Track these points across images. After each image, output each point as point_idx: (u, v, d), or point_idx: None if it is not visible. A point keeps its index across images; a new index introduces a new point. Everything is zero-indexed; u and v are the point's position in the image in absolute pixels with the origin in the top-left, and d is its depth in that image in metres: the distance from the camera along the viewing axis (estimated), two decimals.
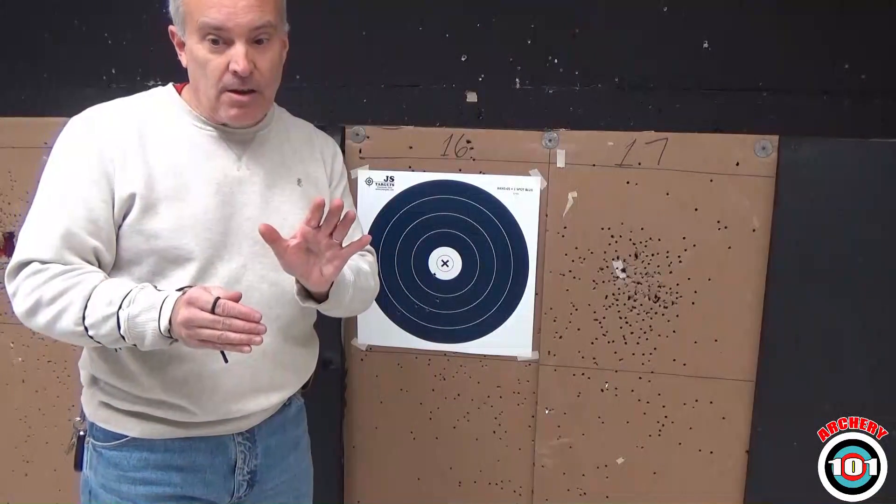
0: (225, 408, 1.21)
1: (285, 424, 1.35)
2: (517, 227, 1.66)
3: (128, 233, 1.14)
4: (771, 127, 1.56)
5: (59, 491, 1.95)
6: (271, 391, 1.27)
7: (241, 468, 1.27)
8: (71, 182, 1.13)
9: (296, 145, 1.32)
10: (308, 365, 1.36)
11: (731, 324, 1.61)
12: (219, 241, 1.18)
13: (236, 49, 1.12)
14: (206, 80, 1.15)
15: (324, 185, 1.34)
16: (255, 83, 1.15)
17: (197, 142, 1.20)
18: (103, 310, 1.05)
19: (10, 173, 1.81)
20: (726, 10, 1.56)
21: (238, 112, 1.17)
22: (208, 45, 1.13)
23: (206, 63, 1.14)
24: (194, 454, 1.23)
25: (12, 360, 1.91)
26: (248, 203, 1.21)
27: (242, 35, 1.12)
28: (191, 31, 1.14)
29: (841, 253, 1.53)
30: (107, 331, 1.06)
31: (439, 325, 1.74)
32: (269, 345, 1.21)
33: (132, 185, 1.13)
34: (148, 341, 1.06)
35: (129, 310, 1.05)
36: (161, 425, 1.20)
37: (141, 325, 1.05)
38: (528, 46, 1.64)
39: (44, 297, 1.07)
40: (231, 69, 1.13)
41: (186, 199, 1.16)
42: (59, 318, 1.07)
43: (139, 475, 1.21)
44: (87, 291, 1.07)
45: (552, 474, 1.75)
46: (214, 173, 1.19)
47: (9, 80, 1.84)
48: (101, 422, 1.22)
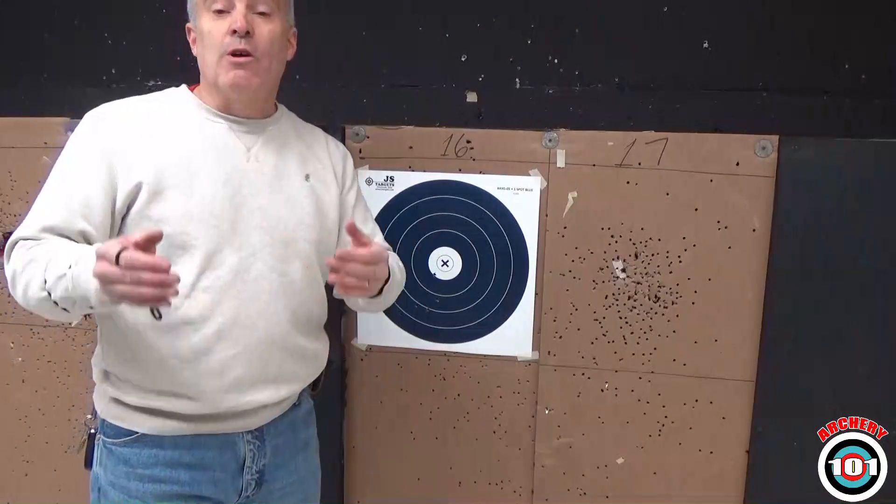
0: (232, 398, 1.21)
1: (295, 425, 1.35)
2: (517, 227, 1.67)
3: (136, 219, 1.16)
4: (771, 127, 1.56)
5: (59, 491, 1.95)
6: (280, 382, 1.27)
7: (249, 467, 1.27)
8: (71, 169, 1.16)
9: (306, 143, 1.35)
10: (318, 359, 1.36)
11: (731, 324, 1.61)
12: (227, 229, 1.19)
13: (236, 9, 1.18)
14: (210, 51, 1.20)
15: (332, 186, 1.35)
16: (252, 46, 1.19)
17: (207, 133, 1.23)
18: (59, 270, 1.03)
19: (10, 173, 1.81)
20: (726, 10, 1.56)
21: (236, 74, 1.19)
22: (212, 16, 1.19)
23: (211, 31, 1.19)
24: (203, 451, 1.23)
25: (12, 360, 1.91)
26: (258, 194, 1.23)
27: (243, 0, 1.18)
28: (199, 10, 1.21)
29: (841, 253, 1.53)
30: (61, 292, 1.03)
31: (439, 325, 1.74)
32: (277, 334, 1.24)
33: (139, 174, 1.16)
34: (93, 299, 1.01)
35: (76, 268, 1.02)
36: (170, 420, 1.21)
37: (85, 283, 1.01)
38: (528, 46, 1.64)
39: (17, 269, 1.09)
40: (230, 28, 1.17)
41: (195, 187, 1.18)
42: (29, 286, 1.07)
43: (148, 472, 1.22)
44: (50, 256, 1.06)
45: (552, 474, 1.75)
46: (224, 164, 1.22)
47: (9, 80, 1.84)
48: (112, 418, 1.24)
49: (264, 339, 1.23)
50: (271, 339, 1.23)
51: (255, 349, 1.22)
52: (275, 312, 1.24)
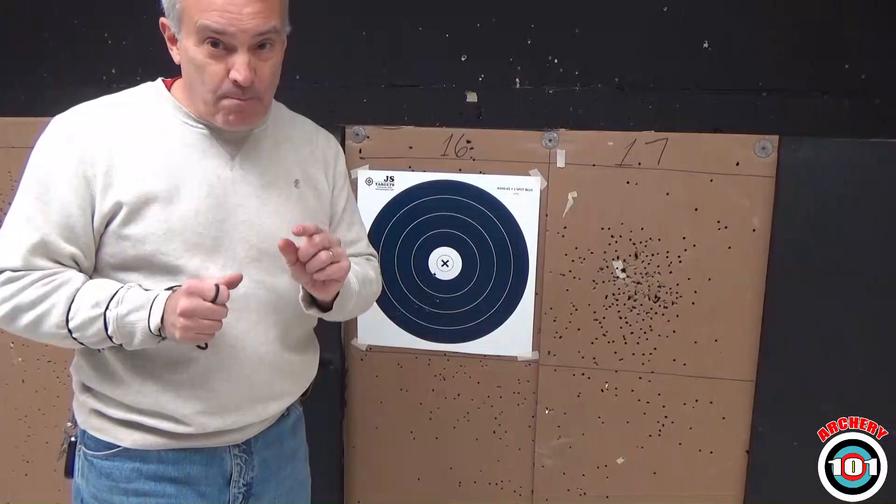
0: (221, 420, 1.17)
1: (282, 436, 1.30)
2: (517, 227, 1.66)
3: (113, 239, 1.10)
4: (771, 127, 1.56)
5: (58, 491, 1.95)
6: (269, 400, 1.23)
7: (236, 480, 1.23)
8: (49, 187, 1.08)
9: (295, 144, 1.26)
10: (307, 372, 1.32)
11: (731, 324, 1.61)
12: (210, 245, 1.13)
13: (238, 57, 1.06)
14: (203, 86, 1.09)
15: (324, 187, 1.28)
16: (254, 91, 1.10)
17: (188, 141, 1.14)
18: (89, 311, 1.05)
19: (10, 173, 1.81)
20: (726, 10, 1.56)
21: (235, 118, 1.11)
22: (207, 49, 1.06)
23: (205, 67, 1.07)
24: (189, 466, 1.18)
25: (12, 360, 1.91)
26: (243, 205, 1.16)
27: (245, 42, 1.06)
28: (188, 30, 1.07)
29: (841, 253, 1.53)
30: (93, 332, 1.05)
31: (439, 325, 1.74)
32: (266, 352, 1.19)
33: (118, 190, 1.09)
34: (137, 340, 1.05)
35: (117, 310, 1.05)
36: (154, 436, 1.16)
37: (130, 325, 1.04)
38: (528, 46, 1.64)
39: (23, 303, 1.06)
40: (232, 77, 1.07)
41: (176, 201, 1.11)
42: (41, 322, 1.06)
43: (131, 486, 1.17)
44: (70, 294, 1.06)
45: (552, 474, 1.75)
46: (206, 174, 1.13)
47: (9, 80, 1.84)
48: (93, 430, 1.18)
49: (252, 358, 1.17)
50: (259, 358, 1.18)
51: (241, 370, 1.17)
52: (264, 330, 1.18)
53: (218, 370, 1.15)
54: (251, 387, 1.19)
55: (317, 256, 1.06)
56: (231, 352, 1.15)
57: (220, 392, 1.16)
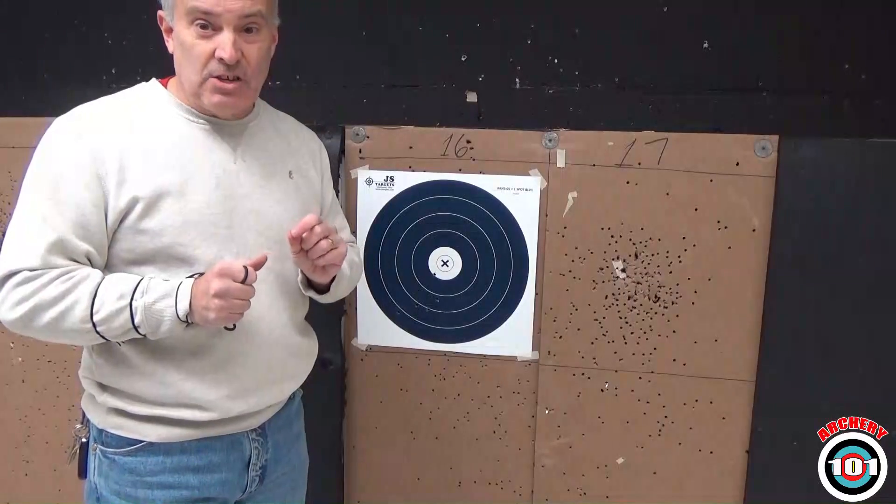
0: (244, 402, 1.22)
1: (290, 418, 1.37)
2: (517, 227, 1.67)
3: (129, 234, 1.13)
4: (771, 127, 1.56)
5: (58, 491, 1.95)
6: (284, 381, 1.29)
7: (254, 463, 1.28)
8: (60, 186, 1.10)
9: (285, 138, 1.32)
10: (311, 353, 1.38)
11: (731, 324, 1.61)
12: (224, 235, 1.18)
13: (224, 35, 1.11)
14: (190, 66, 1.13)
15: (314, 178, 1.35)
16: (241, 71, 1.14)
17: (191, 136, 1.18)
18: (115, 304, 1.08)
19: (10, 173, 1.81)
20: (726, 10, 1.56)
21: (221, 99, 1.15)
22: (196, 31, 1.11)
23: (192, 48, 1.12)
24: (210, 454, 1.22)
25: (12, 360, 1.91)
26: (249, 195, 1.22)
27: (231, 22, 1.11)
28: (179, 15, 1.12)
29: (841, 253, 1.53)
30: (119, 323, 1.08)
31: (439, 325, 1.74)
32: (280, 335, 1.25)
33: (132, 185, 1.12)
34: (165, 328, 1.09)
35: (143, 299, 1.08)
36: (178, 428, 1.19)
37: (158, 312, 1.08)
38: (528, 46, 1.64)
39: (44, 300, 1.07)
40: (217, 56, 1.11)
41: (188, 194, 1.15)
42: (64, 318, 1.08)
43: (156, 479, 1.20)
44: (92, 288, 1.08)
45: (552, 474, 1.75)
46: (214, 167, 1.18)
47: (9, 80, 1.84)
48: (113, 428, 1.20)
49: (268, 340, 1.23)
50: (274, 340, 1.24)
51: (260, 353, 1.22)
52: (277, 314, 1.25)
53: (238, 354, 1.20)
54: (269, 368, 1.25)
55: (318, 245, 1.17)
56: (248, 336, 1.21)
57: (241, 375, 1.21)
